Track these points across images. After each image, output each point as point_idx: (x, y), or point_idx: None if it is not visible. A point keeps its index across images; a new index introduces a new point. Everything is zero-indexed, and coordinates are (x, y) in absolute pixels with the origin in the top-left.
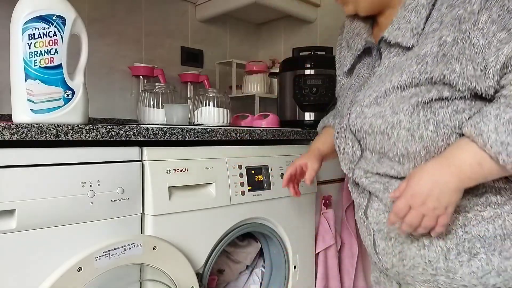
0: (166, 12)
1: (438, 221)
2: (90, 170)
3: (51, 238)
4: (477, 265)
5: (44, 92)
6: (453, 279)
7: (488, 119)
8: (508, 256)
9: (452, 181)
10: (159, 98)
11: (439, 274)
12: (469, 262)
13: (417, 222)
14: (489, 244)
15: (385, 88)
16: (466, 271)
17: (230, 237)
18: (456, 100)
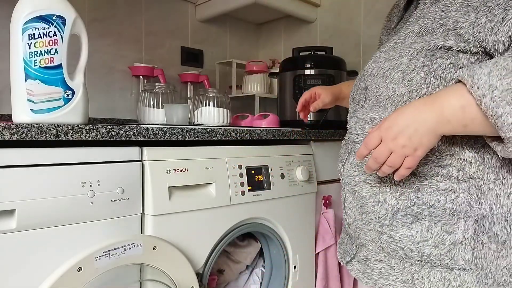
0: (166, 12)
1: (404, 161)
2: (90, 170)
3: (51, 238)
4: (418, 229)
5: (44, 92)
6: (393, 238)
7: (485, 65)
8: (450, 230)
9: (430, 119)
10: (159, 98)
11: (383, 232)
12: (411, 225)
13: (383, 158)
14: (436, 214)
15: (405, 34)
16: (405, 233)
17: (230, 237)
18: (460, 53)
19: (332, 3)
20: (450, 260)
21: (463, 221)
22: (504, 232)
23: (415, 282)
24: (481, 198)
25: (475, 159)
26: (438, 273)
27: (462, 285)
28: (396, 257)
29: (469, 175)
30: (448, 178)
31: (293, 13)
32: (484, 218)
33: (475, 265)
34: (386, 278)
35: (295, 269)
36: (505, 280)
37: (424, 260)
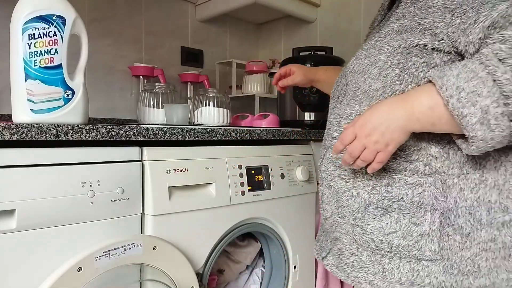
0: (166, 12)
1: (376, 156)
2: (90, 170)
3: (51, 238)
4: (387, 221)
5: (44, 92)
6: (364, 230)
7: (455, 66)
8: (418, 222)
9: (401, 117)
10: (159, 98)
11: (356, 225)
12: (381, 218)
13: (357, 153)
14: (404, 207)
15: (385, 32)
16: (376, 225)
17: (230, 237)
18: (434, 52)
19: (332, 3)
20: (418, 251)
21: (430, 214)
22: (468, 225)
23: (385, 273)
24: (446, 192)
25: (441, 154)
26: (407, 264)
27: (429, 275)
28: (368, 249)
29: (434, 170)
30: (416, 172)
31: (293, 13)
32: (450, 211)
33: (441, 255)
34: (358, 271)
35: (295, 269)
36: (469, 270)
37: (394, 251)
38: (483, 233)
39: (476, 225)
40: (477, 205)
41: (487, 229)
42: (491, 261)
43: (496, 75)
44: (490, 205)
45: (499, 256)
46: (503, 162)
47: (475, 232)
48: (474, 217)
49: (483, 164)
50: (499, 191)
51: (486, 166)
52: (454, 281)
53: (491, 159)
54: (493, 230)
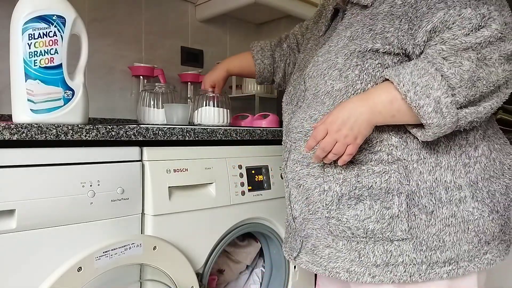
0: (166, 12)
1: (346, 149)
2: (90, 170)
3: (51, 238)
4: (361, 208)
5: (44, 92)
6: (340, 220)
7: (407, 65)
8: (388, 206)
9: (366, 112)
10: (159, 98)
11: (331, 217)
12: (355, 206)
13: (329, 147)
14: (374, 194)
15: (337, 39)
16: (351, 214)
17: (230, 237)
18: (386, 55)
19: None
20: (391, 232)
21: (397, 197)
22: (430, 204)
23: (362, 258)
24: (408, 176)
25: (400, 143)
26: (380, 246)
27: (402, 254)
28: (344, 238)
29: (396, 157)
30: (380, 162)
31: (293, 13)
32: (413, 193)
33: (411, 234)
34: (335, 262)
35: (295, 269)
36: (436, 245)
37: (369, 236)
38: (444, 210)
39: (438, 203)
40: (435, 185)
41: (448, 206)
42: (454, 235)
43: (443, 71)
44: (447, 184)
45: (460, 230)
46: (452, 146)
47: (437, 210)
48: (435, 197)
49: (436, 149)
50: (452, 171)
51: (439, 150)
52: (423, 256)
53: (441, 144)
54: (453, 207)
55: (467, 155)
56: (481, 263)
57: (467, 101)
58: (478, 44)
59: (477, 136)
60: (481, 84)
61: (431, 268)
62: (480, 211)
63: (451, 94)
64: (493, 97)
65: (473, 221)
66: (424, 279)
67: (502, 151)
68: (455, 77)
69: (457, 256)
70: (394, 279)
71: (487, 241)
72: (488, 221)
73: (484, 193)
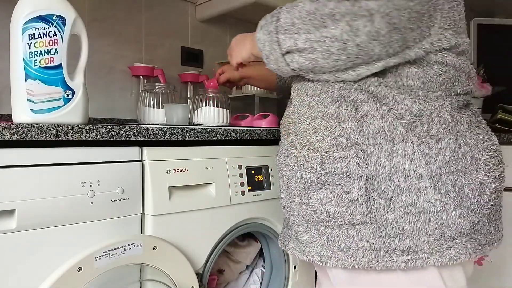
0: (166, 12)
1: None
2: (90, 170)
3: (51, 238)
4: (324, 193)
5: (44, 92)
6: (308, 205)
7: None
8: (348, 190)
9: (248, 43)
10: (159, 98)
11: (302, 203)
12: (319, 191)
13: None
14: (336, 179)
15: None
16: (316, 198)
17: (230, 237)
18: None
19: None
20: (350, 216)
21: (357, 182)
22: (389, 190)
23: (330, 242)
24: (367, 160)
25: (356, 127)
26: (345, 231)
27: (362, 240)
28: (313, 223)
29: (354, 141)
30: (341, 147)
31: None
32: (373, 177)
33: (370, 218)
34: (310, 246)
35: (295, 269)
36: (395, 232)
37: (332, 220)
38: (404, 197)
39: (396, 190)
40: (394, 171)
41: (407, 194)
42: (413, 224)
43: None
44: (406, 172)
45: (420, 220)
46: (410, 136)
47: (396, 197)
48: (393, 183)
49: (392, 137)
50: (411, 160)
51: (395, 138)
52: (382, 242)
53: (398, 132)
54: (412, 195)
55: (427, 146)
56: (443, 257)
57: (284, 27)
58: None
59: (441, 130)
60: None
61: (389, 255)
62: (443, 203)
63: (275, 21)
64: (324, 31)
65: (435, 213)
66: (382, 267)
67: (478, 146)
68: (284, 16)
69: (416, 246)
70: (354, 264)
71: (452, 236)
72: (454, 216)
73: (449, 186)
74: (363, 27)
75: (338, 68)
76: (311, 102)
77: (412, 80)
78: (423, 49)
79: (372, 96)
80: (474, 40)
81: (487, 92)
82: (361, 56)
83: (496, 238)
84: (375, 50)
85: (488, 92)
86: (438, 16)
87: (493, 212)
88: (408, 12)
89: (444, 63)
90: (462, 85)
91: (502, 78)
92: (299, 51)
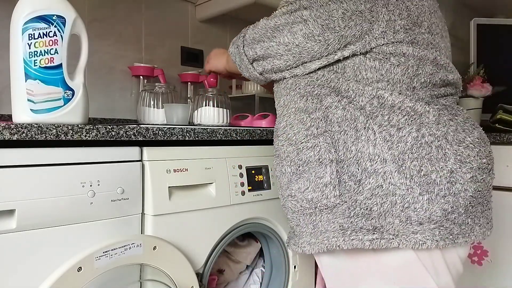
0: (166, 12)
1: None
2: (90, 170)
3: (51, 238)
4: (302, 181)
5: (44, 92)
6: (291, 196)
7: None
8: (321, 176)
9: (224, 59)
10: (159, 98)
11: (288, 195)
12: (298, 180)
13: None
14: (310, 167)
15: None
16: (296, 187)
17: (230, 237)
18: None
19: None
20: (326, 199)
21: (329, 167)
22: (358, 172)
23: (315, 229)
24: (335, 145)
25: (323, 116)
26: (325, 216)
27: (334, 221)
28: (300, 213)
29: (323, 130)
30: (312, 137)
31: None
32: (342, 161)
33: (341, 199)
34: (301, 237)
35: (295, 269)
36: (363, 212)
37: (312, 206)
38: (371, 180)
39: (364, 173)
40: (360, 156)
41: (374, 177)
42: (380, 206)
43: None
44: (371, 156)
45: (386, 202)
46: (371, 124)
47: (365, 179)
48: (361, 166)
49: (354, 125)
50: (374, 145)
51: (358, 126)
52: (350, 222)
53: (360, 121)
54: (379, 178)
55: (388, 133)
56: (408, 240)
57: (248, 41)
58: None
59: (402, 120)
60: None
61: (355, 234)
62: (407, 187)
63: (242, 38)
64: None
65: (401, 196)
66: (349, 245)
67: (447, 137)
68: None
69: (382, 226)
70: (328, 245)
71: (419, 221)
72: (421, 200)
73: (414, 171)
74: (300, 30)
75: (291, 65)
76: (285, 101)
77: (371, 73)
78: (366, 42)
79: (333, 90)
80: (474, 40)
81: (487, 92)
82: (304, 54)
83: (475, 230)
84: (315, 48)
85: (488, 92)
86: (382, 10)
87: (472, 204)
88: (341, 12)
89: (401, 54)
90: (427, 74)
91: (502, 78)
92: (261, 58)
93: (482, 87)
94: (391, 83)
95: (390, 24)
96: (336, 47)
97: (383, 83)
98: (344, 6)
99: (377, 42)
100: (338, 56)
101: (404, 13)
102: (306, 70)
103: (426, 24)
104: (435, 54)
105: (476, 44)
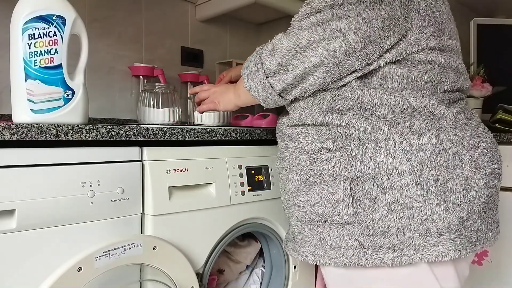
0: (166, 12)
1: (209, 105)
2: (90, 170)
3: (51, 238)
4: (312, 194)
5: (44, 92)
6: (299, 206)
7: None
8: (333, 191)
9: (232, 96)
10: (159, 98)
11: (294, 203)
12: (307, 192)
13: (203, 97)
14: (323, 180)
15: None
16: (305, 199)
17: (230, 237)
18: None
19: None
20: (338, 216)
21: (342, 183)
22: (373, 189)
23: (322, 242)
24: (352, 162)
25: (344, 131)
26: (335, 230)
27: (351, 238)
28: (306, 223)
29: (340, 144)
30: (328, 150)
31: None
32: (358, 178)
33: (356, 218)
34: (304, 246)
35: (295, 269)
36: (381, 230)
37: (322, 220)
38: (387, 196)
39: (380, 189)
40: (378, 171)
41: (390, 192)
42: (398, 222)
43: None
44: (388, 170)
45: (404, 216)
46: (392, 133)
47: (380, 196)
48: (377, 182)
49: (376, 137)
50: (393, 158)
51: (379, 138)
52: (369, 241)
53: (381, 131)
54: (395, 193)
55: (409, 143)
56: (430, 254)
57: (272, 70)
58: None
59: (422, 125)
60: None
61: (376, 253)
62: (425, 198)
63: (261, 68)
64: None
65: (418, 209)
66: (371, 264)
67: (463, 143)
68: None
69: (402, 243)
70: (346, 262)
71: (439, 232)
72: (439, 210)
73: (431, 181)
74: (339, 47)
75: (324, 86)
76: (302, 115)
77: (397, 82)
78: (403, 49)
79: (357, 102)
80: (474, 40)
81: (487, 92)
82: (343, 73)
83: (488, 236)
84: (355, 64)
85: (488, 92)
86: (415, 16)
87: (484, 210)
88: (381, 21)
89: (429, 62)
90: (449, 82)
91: (502, 78)
92: (291, 87)
93: (482, 87)
94: (415, 90)
95: (422, 31)
96: (374, 58)
97: (407, 91)
98: (382, 13)
99: (412, 49)
100: (373, 67)
101: (432, 19)
102: (338, 85)
103: (447, 30)
104: (458, 61)
105: (476, 44)
